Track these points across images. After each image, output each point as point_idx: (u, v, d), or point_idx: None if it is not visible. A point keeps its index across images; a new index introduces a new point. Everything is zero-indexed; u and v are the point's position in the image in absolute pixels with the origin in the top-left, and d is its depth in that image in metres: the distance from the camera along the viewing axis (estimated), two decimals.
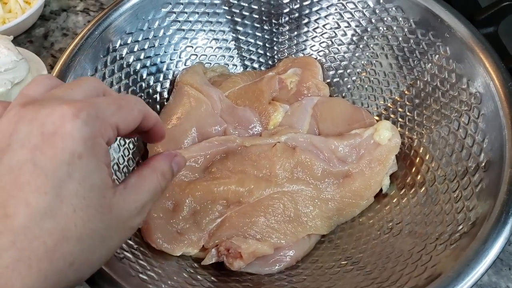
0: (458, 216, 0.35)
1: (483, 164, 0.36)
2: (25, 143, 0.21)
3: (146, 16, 0.47)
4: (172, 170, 0.28)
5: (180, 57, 0.51)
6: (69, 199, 0.21)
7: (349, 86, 0.51)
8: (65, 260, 0.21)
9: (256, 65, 0.55)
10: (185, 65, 0.52)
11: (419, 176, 0.42)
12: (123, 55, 0.46)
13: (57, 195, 0.20)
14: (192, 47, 0.52)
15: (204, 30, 0.51)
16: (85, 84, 0.25)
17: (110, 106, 0.24)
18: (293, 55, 0.53)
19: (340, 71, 0.51)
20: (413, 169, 0.43)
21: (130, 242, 0.37)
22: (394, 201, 0.42)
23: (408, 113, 0.46)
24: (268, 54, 0.54)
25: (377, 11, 0.47)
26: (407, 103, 0.46)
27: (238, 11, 0.51)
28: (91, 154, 0.22)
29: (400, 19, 0.45)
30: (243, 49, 0.54)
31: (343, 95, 0.51)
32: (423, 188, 0.41)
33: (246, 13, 0.51)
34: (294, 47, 0.53)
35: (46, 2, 0.67)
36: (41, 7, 0.62)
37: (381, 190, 0.44)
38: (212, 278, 0.38)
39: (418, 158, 0.43)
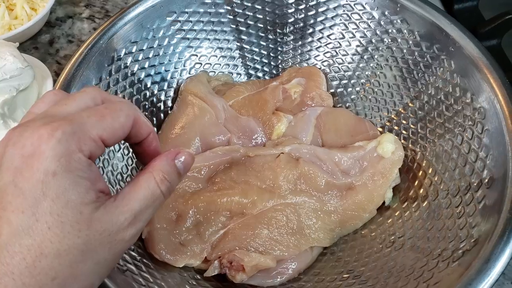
0: (461, 233, 0.35)
1: (486, 180, 0.36)
2: (9, 166, 0.23)
3: (151, 25, 0.47)
4: (176, 170, 0.27)
5: (184, 66, 0.51)
6: (44, 217, 0.22)
7: (353, 96, 0.51)
8: (47, 275, 0.22)
9: (260, 74, 0.55)
10: (189, 73, 0.52)
11: (421, 190, 0.42)
12: (128, 64, 0.46)
13: (32, 213, 0.22)
14: (197, 55, 0.52)
15: (209, 39, 0.51)
16: (80, 97, 0.26)
17: (90, 118, 0.24)
18: (297, 65, 0.54)
19: (344, 82, 0.52)
20: (416, 182, 0.43)
21: (133, 253, 0.37)
22: (396, 214, 0.42)
23: (411, 126, 0.46)
24: (272, 63, 0.54)
25: (382, 23, 0.47)
26: (411, 115, 0.46)
27: (243, 20, 0.51)
28: (66, 170, 0.22)
29: (405, 31, 0.45)
30: (247, 58, 0.54)
31: (347, 105, 0.51)
32: (425, 202, 0.41)
33: (251, 23, 0.51)
34: (298, 56, 0.53)
35: (52, 9, 0.67)
36: (47, 14, 0.62)
37: (383, 202, 0.44)
38: None
39: (421, 172, 0.43)
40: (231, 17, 0.51)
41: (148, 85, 0.48)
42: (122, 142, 0.44)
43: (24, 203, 0.22)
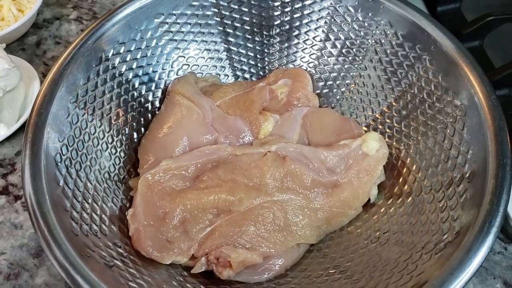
0: (443, 226, 0.35)
1: (468, 174, 0.37)
2: None
3: (139, 26, 0.47)
4: None
5: (172, 67, 0.52)
6: None
7: (338, 97, 0.52)
8: None
9: (247, 76, 0.55)
10: (177, 74, 0.52)
11: (406, 186, 0.43)
12: (116, 65, 0.46)
13: None
14: (184, 57, 0.52)
15: (196, 41, 0.52)
16: None
17: None
18: (283, 66, 0.54)
19: (329, 82, 0.52)
20: (400, 179, 0.44)
21: (120, 250, 0.37)
22: (381, 210, 0.43)
23: (395, 124, 0.47)
24: (259, 65, 0.55)
25: (366, 24, 0.48)
26: (395, 114, 0.47)
27: (229, 22, 0.52)
28: None
29: (388, 32, 0.47)
30: (234, 60, 0.54)
31: (333, 105, 0.52)
32: (410, 198, 0.41)
33: (238, 25, 0.52)
34: (284, 58, 0.54)
35: (39, 11, 0.67)
36: (34, 15, 0.62)
37: (369, 200, 0.44)
38: (202, 286, 0.39)
39: (405, 169, 0.44)
40: (218, 19, 0.51)
41: (136, 86, 0.49)
42: (110, 141, 0.45)
43: None
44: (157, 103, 0.51)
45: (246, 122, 0.48)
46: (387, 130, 0.47)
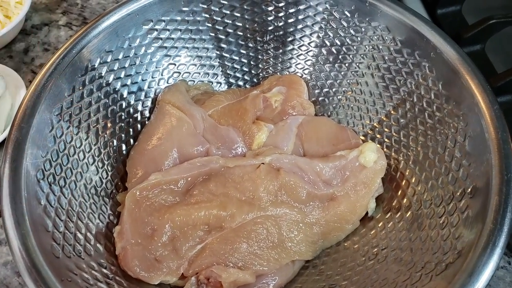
0: (444, 244, 0.34)
1: (469, 189, 0.35)
2: None
3: (126, 34, 0.46)
4: None
5: (162, 75, 0.50)
6: None
7: (334, 105, 0.50)
8: None
9: (241, 83, 0.53)
10: (167, 83, 0.50)
11: (405, 200, 0.41)
12: (103, 74, 0.44)
13: None
14: (175, 64, 0.50)
15: (187, 48, 0.50)
16: None
17: None
18: (278, 73, 0.53)
19: (325, 90, 0.51)
20: (399, 191, 0.42)
21: (105, 271, 0.36)
22: (380, 225, 0.41)
23: (394, 134, 0.45)
24: (253, 71, 0.53)
25: (362, 29, 0.46)
26: (394, 123, 0.45)
27: (222, 28, 0.50)
28: None
29: (386, 37, 0.45)
30: (227, 67, 0.53)
31: (329, 114, 0.50)
32: (409, 212, 0.40)
33: (230, 30, 0.50)
34: (279, 64, 0.52)
35: (28, 16, 0.65)
36: (22, 21, 0.61)
37: (366, 213, 0.43)
38: None
39: (404, 181, 0.42)
40: (210, 25, 0.50)
41: (124, 95, 0.47)
42: (97, 154, 0.43)
43: None
44: (146, 113, 0.49)
45: (239, 132, 0.47)
46: (386, 140, 0.46)
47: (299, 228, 0.41)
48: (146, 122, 0.48)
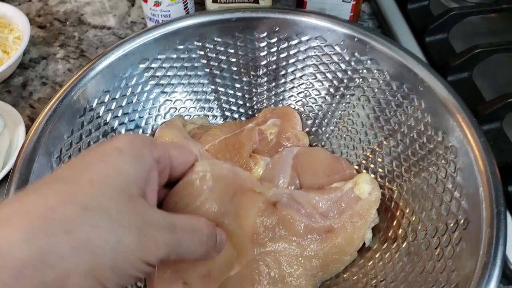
0: (441, 277, 0.34)
1: (462, 221, 0.36)
2: None
3: (123, 73, 0.47)
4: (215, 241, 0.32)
5: (159, 111, 0.51)
6: (88, 169, 0.24)
7: (327, 135, 0.51)
8: (60, 225, 0.21)
9: (236, 116, 0.55)
10: (164, 119, 0.51)
11: (400, 230, 0.42)
12: (100, 114, 0.45)
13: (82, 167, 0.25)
14: (171, 100, 0.52)
15: (183, 83, 0.51)
16: None
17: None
18: (272, 105, 0.54)
19: (318, 121, 0.52)
20: (394, 222, 0.43)
21: None
22: (377, 256, 0.42)
23: (387, 164, 0.46)
24: (247, 104, 0.54)
25: (352, 63, 0.48)
26: (386, 153, 0.46)
27: (216, 64, 0.51)
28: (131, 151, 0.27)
29: (375, 71, 0.46)
30: (222, 100, 0.54)
31: (322, 144, 0.52)
32: (405, 243, 0.41)
33: (225, 66, 0.52)
34: (273, 97, 0.53)
35: (25, 50, 0.66)
36: (20, 57, 0.61)
37: (364, 243, 0.43)
38: None
39: (398, 211, 0.43)
40: (205, 61, 0.51)
41: (122, 133, 0.48)
42: None
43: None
44: None
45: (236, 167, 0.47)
46: (379, 170, 0.47)
47: (299, 262, 0.41)
48: None
